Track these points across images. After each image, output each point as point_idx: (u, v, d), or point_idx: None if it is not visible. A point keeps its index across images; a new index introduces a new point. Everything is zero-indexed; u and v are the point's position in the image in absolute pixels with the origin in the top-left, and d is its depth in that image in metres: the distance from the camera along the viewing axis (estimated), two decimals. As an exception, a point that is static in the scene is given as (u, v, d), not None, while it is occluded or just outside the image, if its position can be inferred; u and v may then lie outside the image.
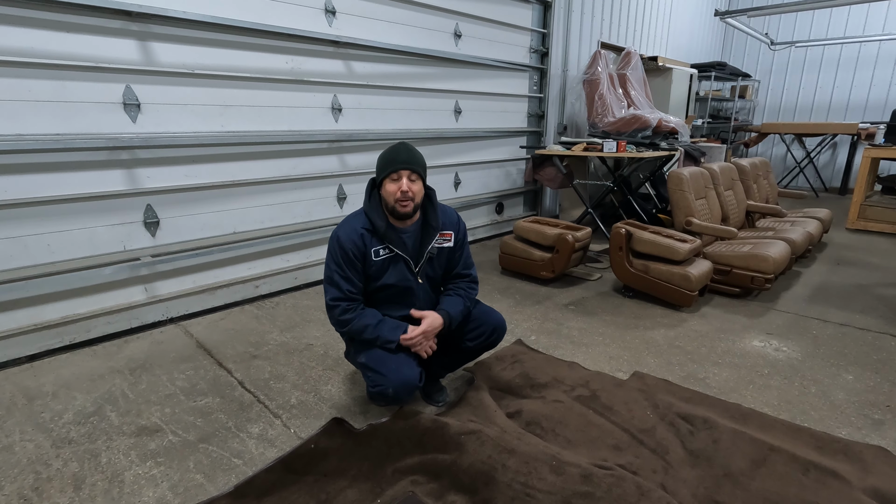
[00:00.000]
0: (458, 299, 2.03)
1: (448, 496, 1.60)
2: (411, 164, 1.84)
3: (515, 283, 3.82)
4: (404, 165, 1.83)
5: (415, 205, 1.88)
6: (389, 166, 1.84)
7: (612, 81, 5.36)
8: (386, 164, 1.85)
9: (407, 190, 1.83)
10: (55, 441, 1.92)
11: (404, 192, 1.83)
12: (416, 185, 1.86)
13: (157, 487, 1.68)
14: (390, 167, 1.83)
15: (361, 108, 3.77)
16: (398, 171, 1.83)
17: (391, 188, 1.85)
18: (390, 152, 1.87)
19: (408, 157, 1.85)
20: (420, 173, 1.87)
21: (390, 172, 1.83)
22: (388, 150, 1.88)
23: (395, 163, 1.83)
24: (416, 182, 1.87)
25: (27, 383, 2.34)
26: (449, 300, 2.02)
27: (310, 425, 2.01)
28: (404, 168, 1.83)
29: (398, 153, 1.85)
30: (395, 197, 1.84)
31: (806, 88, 8.64)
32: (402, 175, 1.83)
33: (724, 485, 1.67)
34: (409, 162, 1.84)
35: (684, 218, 3.69)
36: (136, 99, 2.69)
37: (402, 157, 1.84)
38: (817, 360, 2.58)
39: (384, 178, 1.86)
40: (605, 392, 2.21)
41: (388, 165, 1.84)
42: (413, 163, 1.85)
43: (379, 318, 1.88)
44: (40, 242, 2.52)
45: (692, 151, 4.99)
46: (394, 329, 1.86)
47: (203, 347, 2.71)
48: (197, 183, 3.01)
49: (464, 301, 2.03)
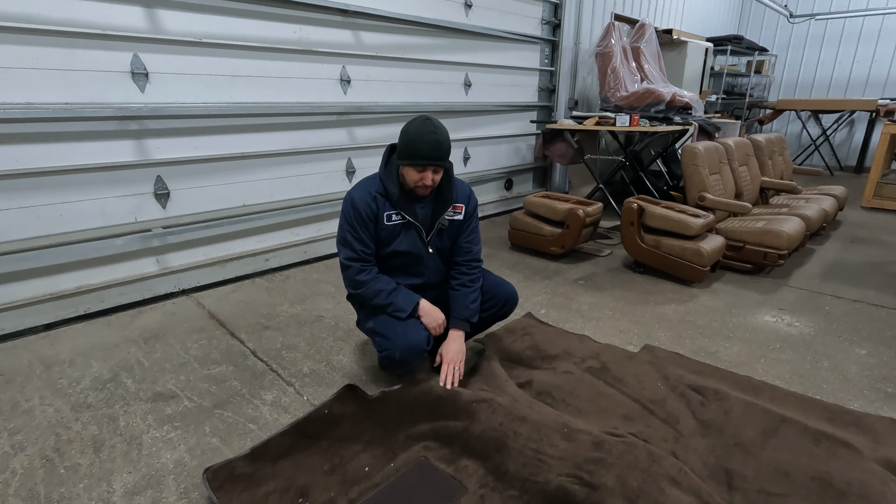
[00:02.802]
0: (464, 292, 1.99)
1: (460, 461, 1.62)
2: (438, 161, 1.76)
3: (525, 258, 3.80)
4: (431, 163, 1.75)
5: (433, 189, 1.86)
6: (415, 157, 1.74)
7: (625, 54, 5.23)
8: (412, 153, 1.75)
9: (430, 183, 1.80)
10: (74, 406, 1.96)
11: (426, 185, 1.80)
12: (438, 175, 1.82)
13: (174, 450, 1.72)
14: (416, 159, 1.74)
15: (370, 81, 3.71)
16: (424, 165, 1.76)
17: (413, 176, 1.80)
18: (417, 139, 1.73)
19: (436, 152, 1.74)
20: (446, 166, 1.82)
21: (415, 164, 1.76)
22: (414, 133, 1.74)
23: (421, 157, 1.74)
24: (438, 173, 1.82)
25: (44, 351, 2.38)
26: (457, 300, 1.98)
27: (322, 393, 2.03)
28: (431, 164, 1.76)
29: (426, 145, 1.72)
30: (416, 184, 1.81)
31: (824, 63, 8.40)
32: (428, 169, 1.78)
33: (735, 454, 1.67)
34: (436, 159, 1.75)
35: (697, 193, 3.63)
36: (143, 68, 2.66)
37: (431, 154, 1.74)
38: (830, 336, 2.57)
39: (408, 164, 1.78)
40: (615, 364, 2.21)
41: (413, 155, 1.74)
42: (440, 158, 1.76)
43: (394, 286, 1.88)
44: (53, 213, 2.53)
45: (706, 126, 4.89)
46: (407, 298, 1.86)
47: (215, 318, 2.74)
48: (206, 155, 2.99)
49: (469, 289, 2.00)
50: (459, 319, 1.97)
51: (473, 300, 1.99)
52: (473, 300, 1.99)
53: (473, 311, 1.99)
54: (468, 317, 1.97)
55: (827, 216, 4.10)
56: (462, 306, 1.98)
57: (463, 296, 1.99)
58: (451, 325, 1.97)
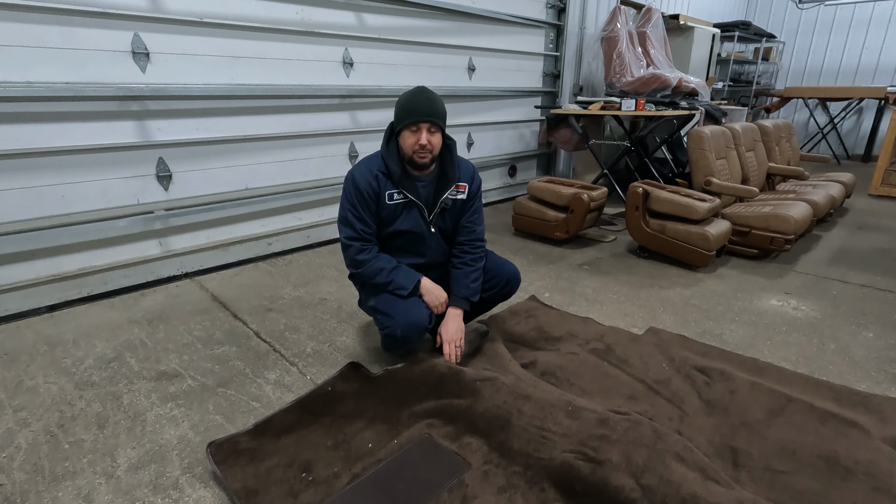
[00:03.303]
0: (466, 271, 1.98)
1: (464, 438, 1.61)
2: (432, 117, 1.76)
3: (528, 243, 3.78)
4: (424, 118, 1.75)
5: (433, 157, 1.83)
6: (409, 117, 1.76)
7: (631, 39, 5.16)
8: (405, 113, 1.77)
9: (426, 143, 1.77)
10: (77, 384, 1.96)
11: (423, 145, 1.77)
12: (435, 137, 1.80)
13: (178, 427, 1.72)
14: (409, 118, 1.76)
15: (373, 64, 3.67)
16: (418, 123, 1.75)
17: (409, 140, 1.79)
18: (410, 100, 1.77)
19: (429, 108, 1.76)
20: (440, 125, 1.80)
21: (409, 124, 1.76)
22: (407, 97, 1.79)
23: (414, 114, 1.75)
24: (435, 134, 1.80)
25: (48, 331, 2.38)
26: (458, 278, 1.97)
27: (325, 373, 2.03)
28: (424, 121, 1.75)
29: (419, 103, 1.76)
30: (414, 149, 1.79)
31: (833, 50, 8.28)
32: (422, 128, 1.76)
33: (741, 432, 1.66)
34: (429, 114, 1.75)
35: (703, 177, 3.59)
36: (144, 48, 2.63)
37: (423, 109, 1.75)
38: (837, 319, 2.54)
39: (403, 128, 1.79)
40: (619, 346, 2.20)
41: (407, 116, 1.76)
42: (434, 115, 1.76)
43: (394, 265, 1.86)
44: (55, 193, 2.52)
45: (713, 111, 4.83)
46: (408, 276, 1.85)
47: (218, 301, 2.73)
48: (208, 137, 2.97)
49: (471, 268, 1.98)
50: (459, 298, 1.95)
51: (475, 279, 1.98)
52: (475, 279, 1.98)
53: (474, 291, 1.97)
54: (468, 295, 1.95)
55: (834, 202, 4.06)
56: (462, 285, 1.96)
57: (464, 274, 1.97)
58: (451, 302, 1.95)
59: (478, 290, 2.00)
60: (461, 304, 1.95)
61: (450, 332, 1.92)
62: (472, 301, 1.98)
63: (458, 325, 1.94)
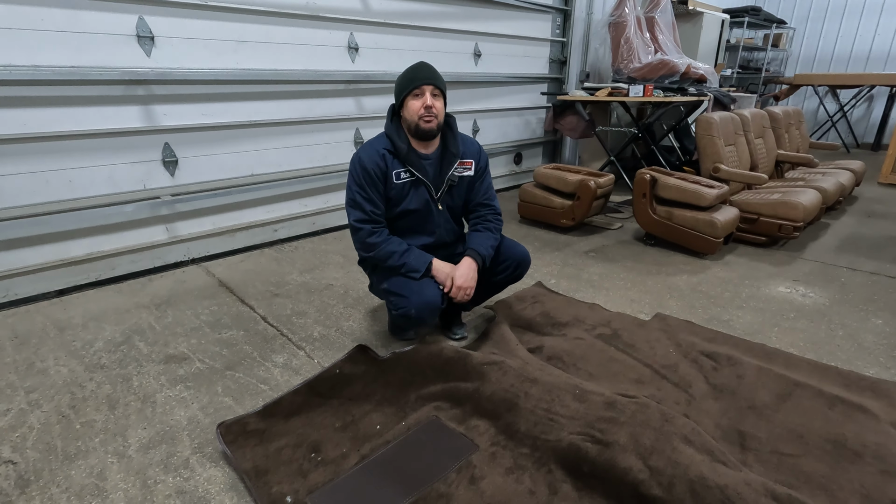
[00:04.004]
0: (486, 234, 1.99)
1: (471, 421, 1.62)
2: (433, 80, 1.80)
3: (534, 231, 3.77)
4: (427, 81, 1.78)
5: (438, 122, 1.83)
6: (411, 83, 1.79)
7: (639, 25, 5.08)
8: (407, 81, 1.80)
9: (431, 105, 1.78)
10: (88, 366, 1.98)
11: (428, 107, 1.78)
12: (438, 101, 1.82)
13: (187, 408, 1.73)
14: (412, 84, 1.78)
15: (378, 49, 3.64)
16: (420, 86, 1.78)
17: (414, 105, 1.80)
18: (410, 71, 1.82)
19: (430, 73, 1.81)
20: (442, 89, 1.84)
21: (412, 89, 1.78)
22: (407, 70, 1.83)
23: (417, 79, 1.78)
24: (438, 98, 1.82)
25: (57, 315, 2.40)
26: (477, 237, 1.98)
27: (333, 356, 2.04)
28: (427, 83, 1.78)
29: (420, 70, 1.80)
30: (419, 113, 1.79)
31: (844, 37, 8.14)
32: (425, 90, 1.78)
33: (748, 416, 1.66)
34: (431, 78, 1.80)
35: (712, 164, 3.56)
36: (149, 31, 2.62)
37: (425, 74, 1.79)
38: (845, 306, 2.53)
39: (406, 96, 1.81)
40: (626, 331, 2.19)
41: (409, 82, 1.79)
42: (435, 79, 1.81)
43: (406, 247, 1.86)
44: (62, 178, 2.52)
45: (722, 98, 4.77)
46: (419, 258, 1.85)
47: (225, 286, 2.74)
48: (213, 122, 2.96)
49: (492, 234, 2.00)
50: (476, 252, 1.92)
51: (491, 245, 1.97)
52: (491, 245, 1.97)
53: (488, 255, 1.95)
54: (484, 254, 1.93)
55: (844, 190, 4.02)
56: (481, 244, 1.94)
57: (484, 237, 1.97)
58: (468, 253, 1.92)
59: (491, 256, 1.97)
60: (477, 257, 1.91)
61: (462, 276, 1.86)
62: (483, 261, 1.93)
63: (473, 273, 1.88)
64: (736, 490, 1.22)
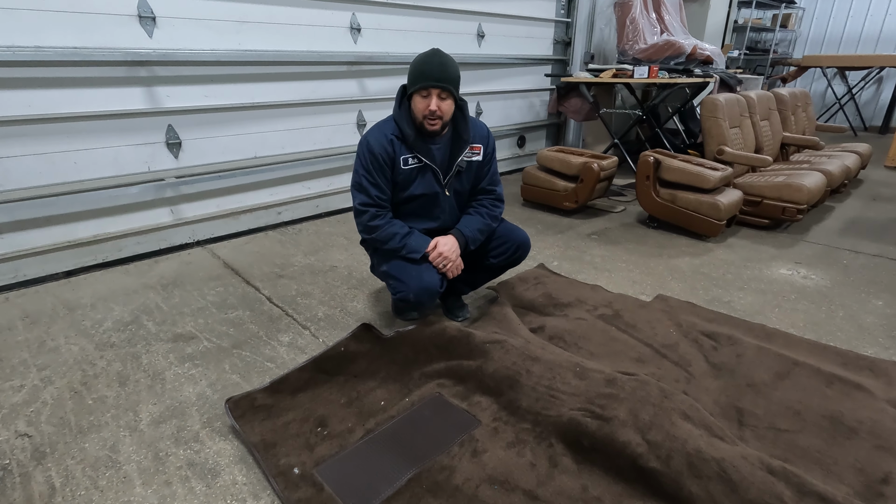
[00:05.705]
0: (476, 218, 1.99)
1: (473, 397, 1.65)
2: (442, 82, 1.73)
3: (537, 213, 3.77)
4: (435, 83, 1.73)
5: (443, 123, 1.82)
6: (419, 81, 1.74)
7: (645, 5, 5.00)
8: (417, 76, 1.75)
9: (435, 109, 1.75)
10: (98, 345, 2.02)
11: (432, 111, 1.76)
12: (445, 103, 1.78)
13: (196, 385, 1.77)
14: (420, 82, 1.74)
15: (381, 29, 3.61)
16: (428, 88, 1.74)
17: (420, 104, 1.77)
18: (422, 63, 1.75)
19: (440, 73, 1.73)
20: (451, 90, 1.77)
21: (420, 88, 1.74)
22: (421, 58, 1.76)
23: (425, 78, 1.73)
24: (445, 100, 1.78)
25: (66, 296, 2.44)
26: (466, 219, 1.98)
27: (338, 336, 2.06)
28: (434, 86, 1.73)
29: (430, 67, 1.73)
30: (424, 114, 1.78)
31: (855, 17, 7.99)
32: (432, 93, 1.74)
33: (747, 394, 1.69)
34: (440, 80, 1.73)
35: (716, 146, 3.54)
36: (150, 11, 2.60)
37: (434, 74, 1.73)
38: (847, 288, 2.54)
39: (414, 92, 1.77)
40: (627, 312, 2.22)
41: (418, 79, 1.74)
42: (444, 80, 1.74)
43: (407, 230, 1.87)
44: (67, 160, 2.54)
45: (728, 79, 4.72)
46: (420, 241, 1.86)
47: (230, 267, 2.77)
48: (216, 104, 2.96)
49: (483, 219, 1.99)
50: (459, 231, 1.92)
51: (479, 229, 1.97)
52: (479, 229, 1.97)
53: (473, 237, 1.94)
54: (467, 235, 1.92)
55: (849, 173, 3.99)
56: (467, 225, 1.94)
57: (474, 220, 1.97)
58: (451, 232, 1.92)
59: (477, 241, 1.97)
60: (460, 237, 1.91)
61: (444, 244, 1.86)
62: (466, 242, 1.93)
63: (454, 247, 1.88)
64: (732, 463, 1.25)
